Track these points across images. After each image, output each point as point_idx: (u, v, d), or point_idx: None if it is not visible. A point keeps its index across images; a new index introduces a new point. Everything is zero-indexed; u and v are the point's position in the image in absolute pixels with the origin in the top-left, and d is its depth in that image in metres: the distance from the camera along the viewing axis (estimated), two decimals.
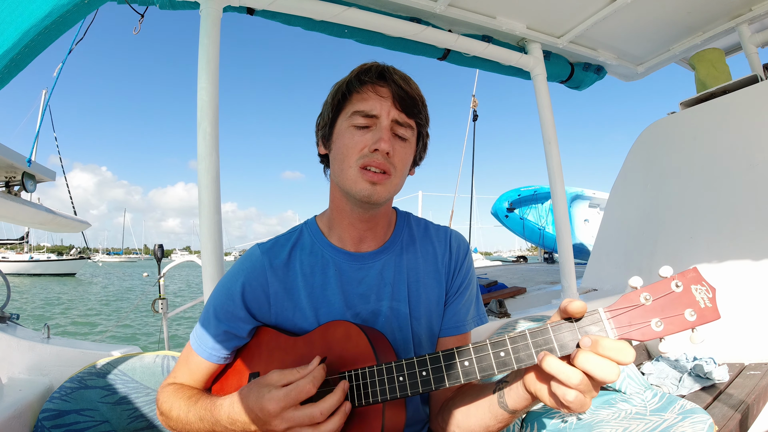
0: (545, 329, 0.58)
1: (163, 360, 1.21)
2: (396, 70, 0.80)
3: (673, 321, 0.53)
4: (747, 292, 1.96)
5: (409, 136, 0.80)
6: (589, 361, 0.52)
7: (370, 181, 0.75)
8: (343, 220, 0.84)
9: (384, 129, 0.76)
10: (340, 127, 0.80)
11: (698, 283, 0.54)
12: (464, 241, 0.94)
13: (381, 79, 0.78)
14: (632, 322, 0.54)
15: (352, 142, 0.76)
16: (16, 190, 1.70)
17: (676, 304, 0.53)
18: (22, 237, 31.22)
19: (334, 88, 0.83)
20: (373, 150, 0.75)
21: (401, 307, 0.84)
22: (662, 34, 2.40)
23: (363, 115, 0.76)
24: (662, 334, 0.53)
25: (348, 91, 0.79)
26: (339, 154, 0.79)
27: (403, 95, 0.77)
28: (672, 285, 0.54)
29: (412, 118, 0.79)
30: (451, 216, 10.40)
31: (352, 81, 0.79)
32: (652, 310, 0.54)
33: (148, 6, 1.51)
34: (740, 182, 2.13)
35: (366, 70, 0.78)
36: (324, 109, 0.84)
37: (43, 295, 16.84)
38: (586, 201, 11.60)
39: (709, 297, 0.53)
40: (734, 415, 1.35)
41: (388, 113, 0.77)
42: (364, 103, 0.77)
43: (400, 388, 0.64)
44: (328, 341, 0.75)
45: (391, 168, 0.77)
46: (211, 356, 0.81)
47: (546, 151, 2.20)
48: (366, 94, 0.77)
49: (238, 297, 0.81)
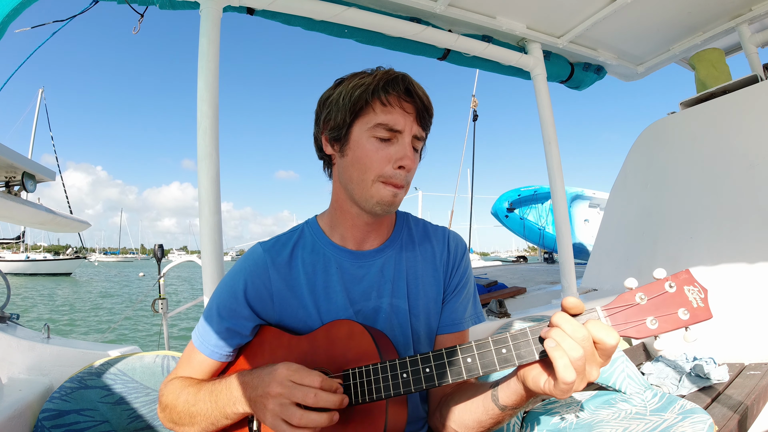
0: (544, 326, 0.59)
1: (163, 360, 1.21)
2: (416, 83, 0.80)
3: (667, 319, 0.56)
4: (747, 292, 1.96)
5: (420, 147, 0.82)
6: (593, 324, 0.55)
7: (391, 195, 0.77)
8: (346, 221, 0.85)
9: (407, 145, 0.77)
10: (359, 134, 0.78)
11: (691, 284, 0.57)
12: (462, 241, 0.95)
13: (408, 94, 0.77)
14: (628, 320, 0.57)
15: (376, 155, 0.76)
16: (16, 190, 1.70)
17: (670, 303, 0.56)
18: (18, 236, 31.19)
19: (350, 89, 0.78)
20: (398, 167, 0.77)
21: (401, 304, 0.85)
22: (662, 34, 2.40)
23: (387, 129, 0.76)
24: (657, 332, 0.56)
25: (371, 98, 0.77)
26: (358, 164, 0.78)
27: (423, 111, 0.79)
28: (666, 286, 0.57)
29: (426, 131, 0.81)
30: (450, 216, 10.40)
31: (378, 90, 0.76)
32: (647, 309, 0.57)
33: (147, 6, 1.50)
34: (740, 182, 2.13)
35: (393, 81, 0.77)
36: (333, 108, 0.80)
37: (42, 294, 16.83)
38: (586, 201, 11.61)
39: (702, 297, 0.56)
40: (734, 415, 1.35)
41: (411, 129, 0.78)
42: (388, 116, 0.76)
43: (403, 384, 0.66)
44: (332, 339, 0.75)
45: (406, 183, 0.80)
46: (214, 353, 0.81)
47: (546, 151, 2.20)
48: (392, 106, 0.76)
49: (241, 295, 0.81)
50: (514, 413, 0.69)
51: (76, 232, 2.83)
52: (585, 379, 0.55)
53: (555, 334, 0.56)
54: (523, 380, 0.62)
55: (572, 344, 0.54)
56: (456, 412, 0.77)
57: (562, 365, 0.54)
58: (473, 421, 0.73)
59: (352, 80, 0.80)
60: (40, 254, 36.40)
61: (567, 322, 0.55)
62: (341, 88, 0.80)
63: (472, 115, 6.94)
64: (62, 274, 30.82)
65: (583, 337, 0.54)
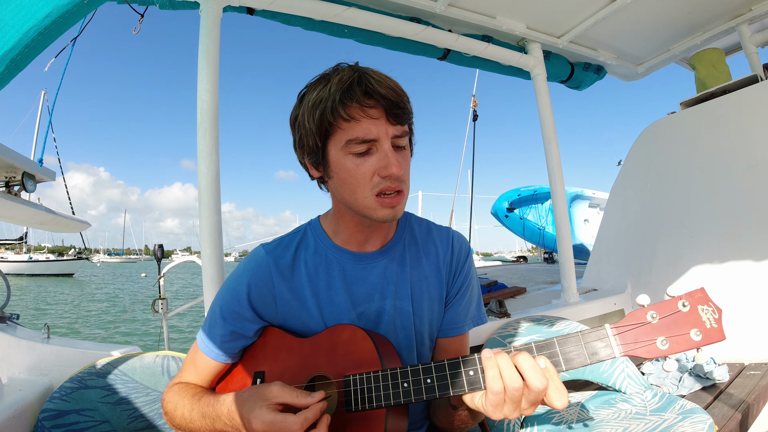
0: (551, 342, 0.58)
1: (163, 360, 1.21)
2: (374, 75, 0.71)
3: (678, 340, 0.54)
4: (747, 291, 1.95)
5: (405, 142, 0.77)
6: (526, 363, 0.57)
7: (389, 206, 0.73)
8: (349, 227, 0.84)
9: (389, 152, 0.71)
10: (336, 155, 0.73)
11: (705, 303, 0.54)
12: (466, 243, 0.94)
13: (367, 96, 0.69)
14: (638, 340, 0.55)
15: (358, 172, 0.72)
16: (16, 190, 1.70)
17: (682, 323, 0.54)
18: (21, 237, 31.21)
19: (311, 109, 0.72)
20: (384, 176, 0.71)
21: (404, 306, 0.84)
22: (662, 34, 2.40)
23: (360, 142, 0.70)
24: (667, 353, 0.54)
25: (333, 118, 0.70)
26: (345, 185, 0.74)
27: (394, 108, 0.70)
28: (679, 304, 0.55)
29: (405, 124, 0.75)
30: (451, 216, 10.40)
31: (335, 106, 0.69)
32: (658, 329, 0.54)
33: (147, 6, 1.50)
34: (740, 182, 2.12)
35: (348, 90, 0.68)
36: (303, 131, 0.75)
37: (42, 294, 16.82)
38: (586, 201, 11.60)
39: (715, 318, 0.54)
40: (734, 415, 1.35)
41: (387, 133, 0.71)
42: (356, 130, 0.70)
43: (404, 394, 0.65)
44: (334, 344, 0.75)
45: (403, 185, 0.75)
46: (218, 356, 0.82)
47: (546, 151, 2.20)
48: (355, 120, 0.69)
49: (244, 297, 0.81)
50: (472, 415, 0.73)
51: (76, 232, 2.83)
52: (517, 409, 0.58)
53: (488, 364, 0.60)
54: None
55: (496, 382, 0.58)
56: (433, 408, 0.86)
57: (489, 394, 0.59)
58: (445, 419, 0.80)
59: (311, 94, 0.73)
60: (43, 255, 36.38)
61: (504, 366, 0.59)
62: (303, 105, 0.74)
63: (472, 115, 6.95)
64: (64, 274, 30.84)
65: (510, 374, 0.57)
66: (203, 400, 0.75)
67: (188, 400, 0.77)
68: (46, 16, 0.48)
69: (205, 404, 0.74)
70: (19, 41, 0.47)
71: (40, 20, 0.47)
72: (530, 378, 0.55)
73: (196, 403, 0.76)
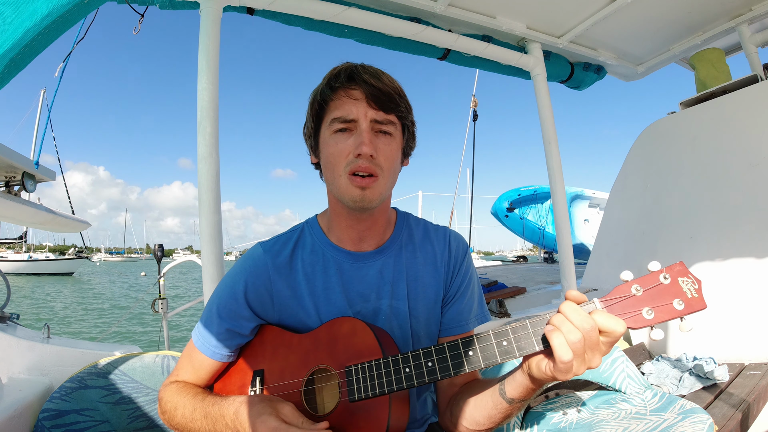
0: (544, 318, 0.61)
1: (163, 360, 1.21)
2: (367, 67, 0.78)
3: (662, 310, 0.57)
4: (747, 291, 1.95)
5: (392, 130, 0.79)
6: (601, 314, 0.57)
7: (359, 187, 0.75)
8: (341, 222, 0.85)
9: (364, 132, 0.75)
10: (324, 135, 0.80)
11: (685, 275, 0.58)
12: (463, 242, 0.94)
13: (351, 81, 0.76)
14: (625, 311, 0.59)
15: (336, 149, 0.77)
16: (16, 190, 1.70)
17: (665, 294, 0.58)
18: (21, 236, 31.22)
19: (311, 97, 0.82)
20: (357, 155, 0.75)
21: (401, 306, 0.85)
22: (662, 34, 2.40)
23: (341, 122, 0.76)
24: (653, 322, 0.57)
25: (323, 100, 0.78)
26: (327, 163, 0.79)
27: (376, 93, 0.76)
28: (660, 277, 0.59)
29: (391, 112, 0.78)
30: (451, 216, 10.40)
31: (324, 89, 0.78)
32: (643, 300, 0.58)
33: (147, 6, 1.50)
34: (740, 182, 2.12)
35: (336, 76, 0.78)
36: (306, 119, 0.84)
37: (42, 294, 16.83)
38: (586, 201, 11.61)
39: (696, 288, 0.58)
40: (734, 415, 1.35)
41: (366, 114, 0.76)
42: (339, 110, 0.76)
43: (406, 378, 0.66)
44: (334, 336, 0.75)
45: (378, 169, 0.76)
46: (215, 354, 0.82)
47: (546, 151, 2.20)
48: (340, 99, 0.77)
49: (241, 296, 0.81)
50: (522, 406, 0.71)
51: (76, 231, 2.83)
52: (584, 363, 0.57)
53: (555, 320, 0.58)
54: (528, 370, 0.63)
55: (570, 328, 0.56)
56: (466, 410, 0.78)
57: (558, 344, 0.56)
58: (483, 417, 0.74)
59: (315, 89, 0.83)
60: (43, 254, 36.42)
61: (573, 311, 0.57)
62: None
63: (472, 115, 6.94)
64: (64, 273, 30.86)
65: (590, 327, 0.56)
66: (207, 400, 0.76)
67: (189, 400, 0.77)
68: (46, 15, 0.48)
69: (209, 404, 0.74)
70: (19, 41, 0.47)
71: (40, 20, 0.47)
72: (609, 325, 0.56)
73: (199, 403, 0.76)
